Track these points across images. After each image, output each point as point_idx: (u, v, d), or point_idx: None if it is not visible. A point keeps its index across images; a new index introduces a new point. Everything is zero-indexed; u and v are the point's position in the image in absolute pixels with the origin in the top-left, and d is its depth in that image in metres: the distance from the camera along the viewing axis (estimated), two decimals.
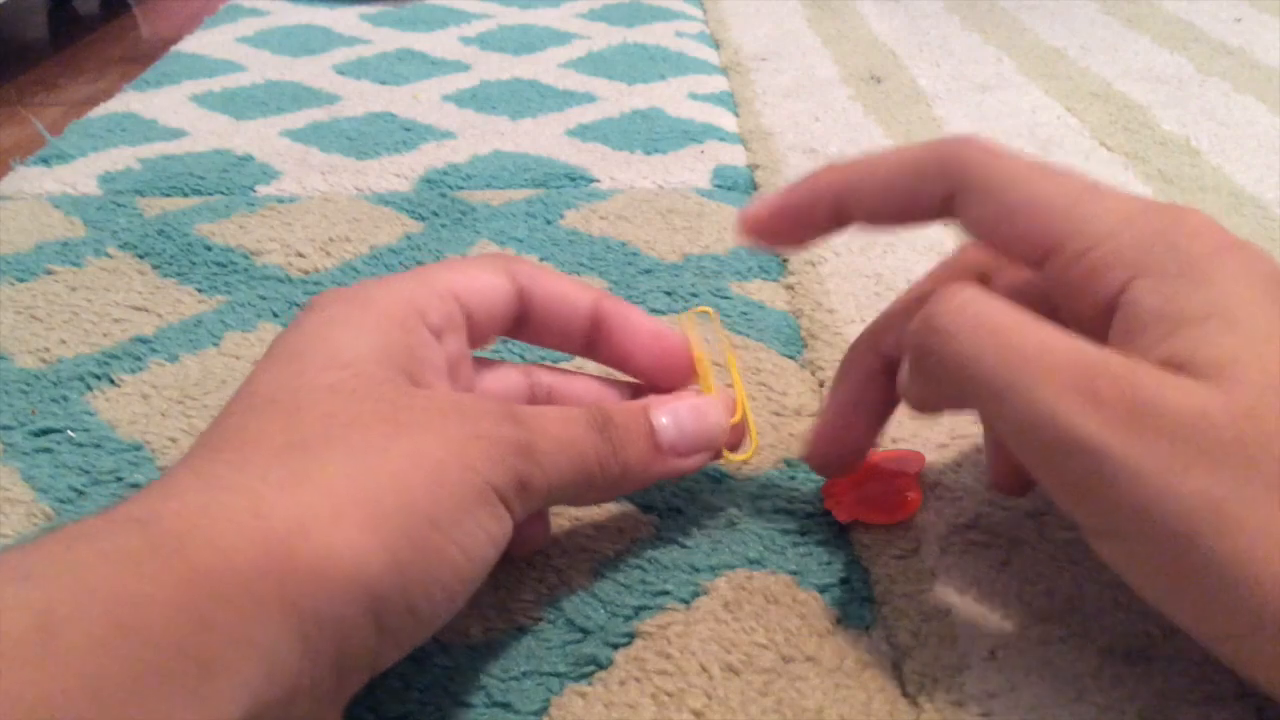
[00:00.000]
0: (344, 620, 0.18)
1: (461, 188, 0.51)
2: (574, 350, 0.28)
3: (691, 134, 0.57)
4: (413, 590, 0.19)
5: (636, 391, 0.29)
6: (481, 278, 0.25)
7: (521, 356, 0.37)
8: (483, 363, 0.27)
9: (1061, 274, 0.22)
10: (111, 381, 0.35)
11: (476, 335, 0.26)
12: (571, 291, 0.27)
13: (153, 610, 0.16)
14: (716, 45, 0.74)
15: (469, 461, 0.21)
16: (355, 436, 0.20)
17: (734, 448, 0.27)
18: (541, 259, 0.44)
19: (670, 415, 0.26)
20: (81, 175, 0.52)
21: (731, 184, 0.51)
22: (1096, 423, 0.19)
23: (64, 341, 0.38)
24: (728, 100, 0.63)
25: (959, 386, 0.21)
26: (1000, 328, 0.20)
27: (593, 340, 0.27)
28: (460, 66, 0.69)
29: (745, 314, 0.39)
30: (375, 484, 0.19)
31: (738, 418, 0.27)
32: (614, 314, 0.27)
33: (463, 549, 0.20)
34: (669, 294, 0.41)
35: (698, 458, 0.26)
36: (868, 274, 0.42)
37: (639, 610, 0.26)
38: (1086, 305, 0.22)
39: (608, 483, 0.24)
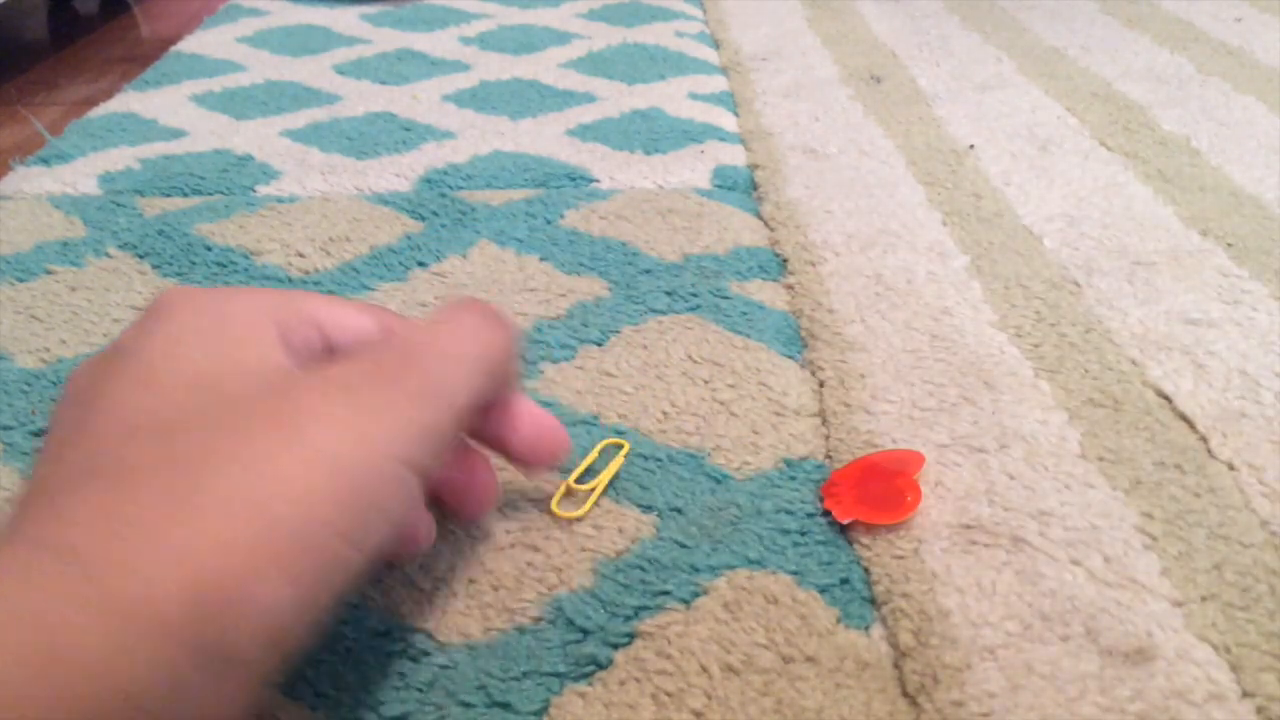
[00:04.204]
0: (246, 651, 0.18)
1: (461, 188, 0.51)
2: None
3: (691, 134, 0.57)
4: (313, 609, 0.19)
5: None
6: (349, 315, 0.25)
7: None
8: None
9: None
10: None
11: None
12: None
13: (78, 637, 0.16)
14: (716, 45, 0.74)
15: (375, 447, 0.20)
16: (244, 450, 0.19)
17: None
18: (541, 259, 0.44)
19: None
20: (81, 175, 0.52)
21: (731, 184, 0.51)
22: None
23: (64, 341, 0.38)
24: (728, 100, 0.63)
25: None
26: None
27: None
28: (460, 66, 0.69)
29: (745, 314, 0.39)
30: (275, 504, 0.18)
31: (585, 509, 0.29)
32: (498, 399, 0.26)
33: (364, 551, 0.19)
34: (669, 294, 0.41)
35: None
36: (868, 274, 0.42)
37: (639, 610, 0.26)
38: None
39: (507, 374, 0.25)
